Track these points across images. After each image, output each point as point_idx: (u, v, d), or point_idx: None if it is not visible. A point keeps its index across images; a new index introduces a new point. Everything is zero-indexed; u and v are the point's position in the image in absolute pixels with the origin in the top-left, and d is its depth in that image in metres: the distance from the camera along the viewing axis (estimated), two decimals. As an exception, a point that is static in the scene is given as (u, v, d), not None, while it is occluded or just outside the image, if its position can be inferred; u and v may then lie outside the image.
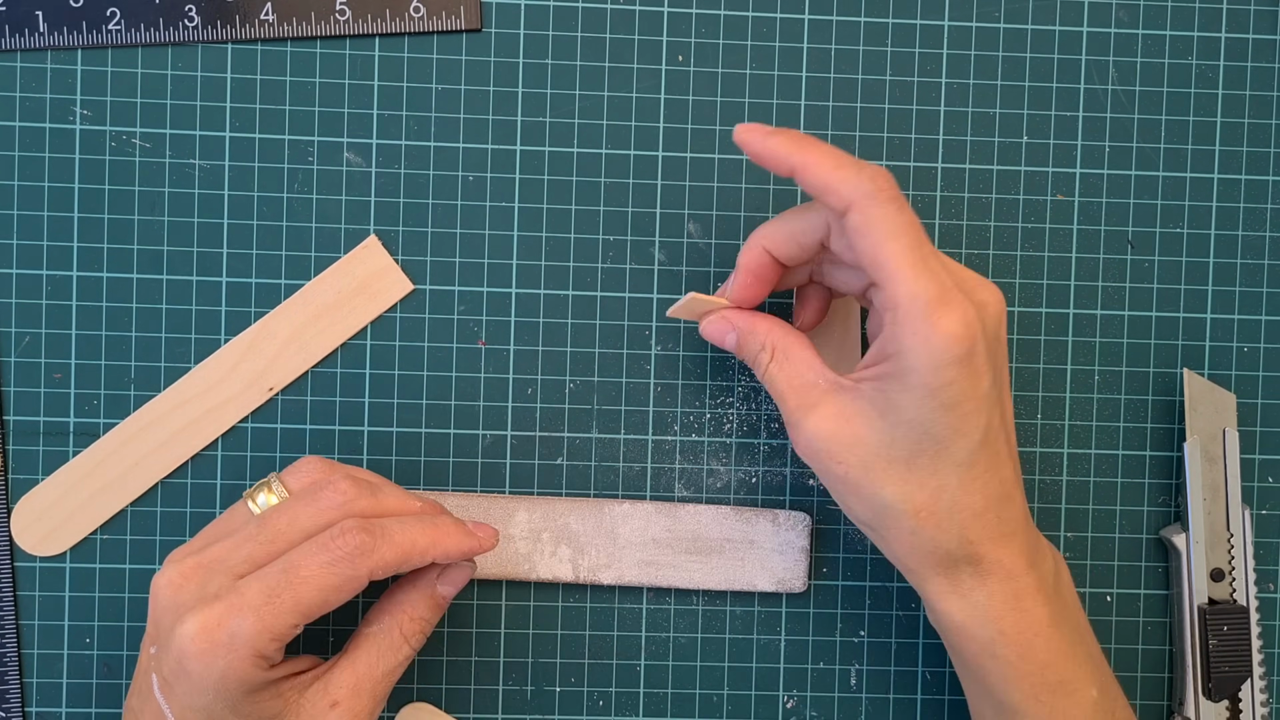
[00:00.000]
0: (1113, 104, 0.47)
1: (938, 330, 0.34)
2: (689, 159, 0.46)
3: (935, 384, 0.34)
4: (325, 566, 0.35)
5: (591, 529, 0.45)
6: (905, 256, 0.34)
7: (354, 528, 0.35)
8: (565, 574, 0.45)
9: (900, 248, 0.34)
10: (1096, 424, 0.47)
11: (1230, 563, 0.45)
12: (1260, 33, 0.47)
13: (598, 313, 0.46)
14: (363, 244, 0.45)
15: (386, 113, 0.45)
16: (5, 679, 0.45)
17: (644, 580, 0.45)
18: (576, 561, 0.45)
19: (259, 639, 0.34)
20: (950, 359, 0.34)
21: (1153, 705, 0.47)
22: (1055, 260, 0.47)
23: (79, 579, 0.45)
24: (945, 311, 0.34)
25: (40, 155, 0.45)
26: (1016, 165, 0.47)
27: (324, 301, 0.45)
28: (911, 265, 0.34)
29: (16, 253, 0.45)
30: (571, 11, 0.46)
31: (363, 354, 0.45)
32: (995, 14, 0.46)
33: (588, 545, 0.45)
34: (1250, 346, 0.47)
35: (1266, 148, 0.47)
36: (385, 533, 0.36)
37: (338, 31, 0.45)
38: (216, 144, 0.45)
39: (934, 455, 0.35)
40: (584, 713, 0.46)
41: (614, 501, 0.45)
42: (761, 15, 0.46)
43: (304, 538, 0.36)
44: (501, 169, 0.46)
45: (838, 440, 0.36)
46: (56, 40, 0.44)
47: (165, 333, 0.45)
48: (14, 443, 0.45)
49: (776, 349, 0.39)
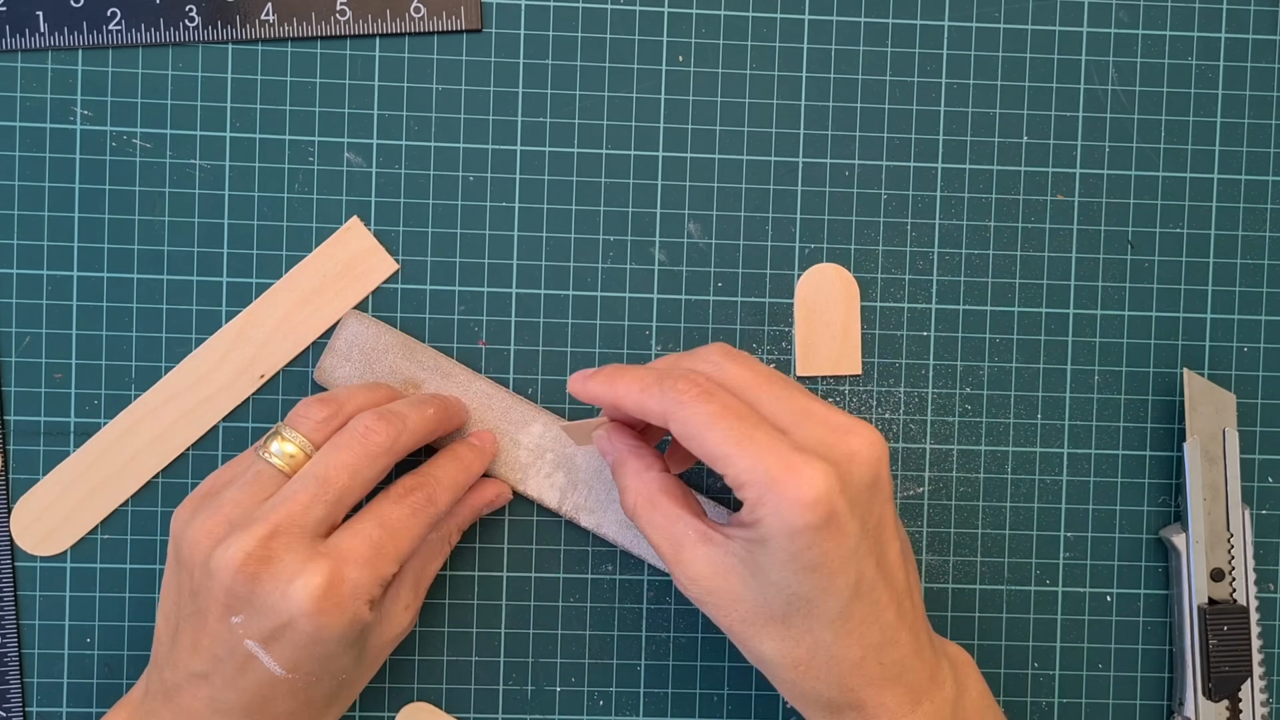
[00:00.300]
0: (1113, 104, 0.47)
1: (785, 500, 0.34)
2: (689, 159, 0.46)
3: (794, 549, 0.35)
4: (410, 518, 0.40)
5: (593, 471, 0.45)
6: (727, 443, 0.35)
7: (417, 485, 0.41)
8: (551, 500, 0.45)
9: (719, 436, 0.35)
10: (1096, 424, 0.47)
11: (1230, 563, 0.45)
12: (1260, 33, 0.47)
13: (598, 313, 0.46)
14: (345, 226, 0.45)
15: (387, 113, 0.45)
16: (5, 679, 0.45)
17: (620, 541, 0.45)
18: (565, 493, 0.45)
19: (373, 588, 0.38)
20: (804, 525, 0.34)
21: (1153, 705, 0.47)
22: (1055, 260, 0.47)
23: (79, 579, 0.45)
24: (791, 480, 0.34)
25: (41, 155, 0.45)
26: (1016, 165, 0.47)
27: (310, 286, 0.45)
28: (737, 446, 0.35)
29: (17, 253, 0.45)
30: (571, 11, 0.46)
31: (363, 354, 0.45)
32: (995, 14, 0.46)
33: (582, 483, 0.45)
34: (1250, 346, 0.47)
35: (1266, 148, 0.47)
36: (440, 483, 0.41)
37: (338, 32, 0.45)
38: (217, 144, 0.45)
39: (806, 614, 0.36)
40: (584, 713, 0.46)
41: None
42: (761, 15, 0.46)
43: (367, 488, 0.40)
44: (502, 169, 0.46)
45: (716, 594, 0.37)
46: (57, 40, 0.44)
47: (165, 333, 0.45)
48: (14, 442, 0.45)
49: (640, 498, 0.39)
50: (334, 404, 0.40)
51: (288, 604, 0.36)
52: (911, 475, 0.47)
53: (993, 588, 0.47)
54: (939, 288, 0.47)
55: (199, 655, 0.38)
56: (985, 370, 0.47)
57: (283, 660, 0.37)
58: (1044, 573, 0.47)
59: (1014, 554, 0.47)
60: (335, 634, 0.37)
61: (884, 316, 0.46)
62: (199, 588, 0.38)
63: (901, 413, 0.47)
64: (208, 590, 0.37)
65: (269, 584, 0.37)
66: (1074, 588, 0.47)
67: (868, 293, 0.46)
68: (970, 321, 0.47)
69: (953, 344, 0.47)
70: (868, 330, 0.46)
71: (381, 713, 0.46)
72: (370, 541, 0.38)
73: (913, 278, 0.47)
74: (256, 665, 0.37)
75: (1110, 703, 0.47)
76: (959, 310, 0.47)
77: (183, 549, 0.38)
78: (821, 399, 0.37)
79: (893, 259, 0.46)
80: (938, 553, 0.47)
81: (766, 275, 0.46)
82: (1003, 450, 0.47)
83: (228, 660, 0.37)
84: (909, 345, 0.47)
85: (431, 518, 0.40)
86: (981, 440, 0.47)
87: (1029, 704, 0.47)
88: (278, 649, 0.37)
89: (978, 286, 0.47)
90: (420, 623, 0.46)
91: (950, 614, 0.47)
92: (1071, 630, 0.47)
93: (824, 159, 0.46)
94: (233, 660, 0.37)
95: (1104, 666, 0.47)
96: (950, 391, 0.47)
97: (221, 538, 0.37)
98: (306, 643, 0.37)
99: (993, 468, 0.47)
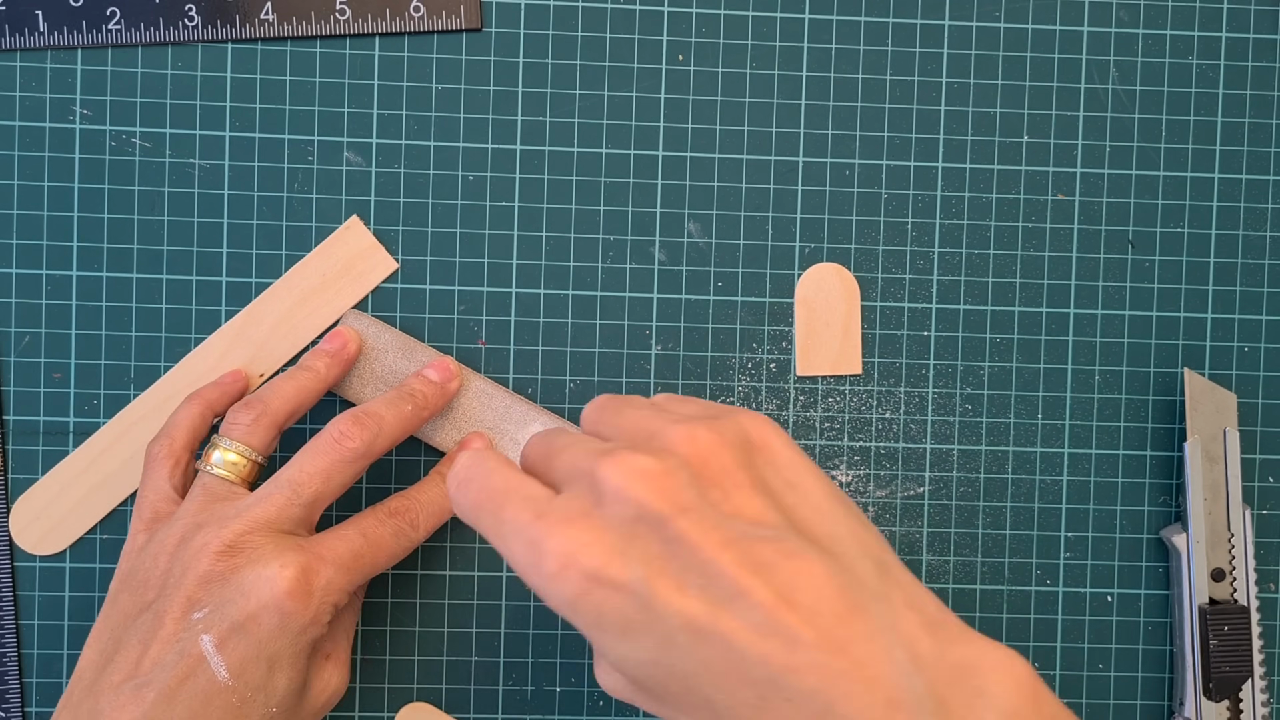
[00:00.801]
0: (1113, 103, 0.47)
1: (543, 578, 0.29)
2: (689, 159, 0.46)
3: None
4: (391, 539, 0.40)
5: None
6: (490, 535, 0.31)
7: (404, 509, 0.41)
8: None
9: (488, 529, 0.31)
10: (1096, 424, 0.47)
11: (1231, 563, 0.45)
12: (1260, 32, 0.47)
13: (598, 313, 0.46)
14: (345, 225, 0.45)
15: (386, 112, 0.45)
16: (5, 679, 0.45)
17: None
18: None
19: (343, 593, 0.39)
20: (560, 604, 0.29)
21: (1153, 705, 0.47)
22: (1055, 260, 0.47)
23: (79, 579, 0.45)
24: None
25: (40, 155, 0.45)
26: (1017, 165, 0.47)
27: (309, 285, 0.45)
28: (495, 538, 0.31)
29: (16, 252, 0.45)
30: (571, 11, 0.46)
31: (363, 354, 0.45)
32: (995, 14, 0.46)
33: None
34: (1250, 346, 0.47)
35: (1267, 147, 0.47)
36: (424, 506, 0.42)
37: (338, 31, 0.45)
38: (216, 143, 0.45)
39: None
40: (584, 713, 0.46)
41: None
42: (761, 15, 0.46)
43: (341, 491, 0.40)
44: (501, 169, 0.46)
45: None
46: (56, 40, 0.44)
47: (165, 333, 0.45)
48: (13, 442, 0.45)
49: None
50: (259, 405, 0.41)
51: (261, 587, 0.37)
52: (911, 475, 0.47)
53: (993, 588, 0.47)
54: (939, 287, 0.47)
55: (142, 666, 0.37)
56: (985, 370, 0.47)
57: (232, 661, 0.36)
58: (1044, 573, 0.47)
59: (1014, 554, 0.47)
60: (295, 627, 0.37)
61: (884, 316, 0.46)
62: (159, 593, 0.37)
63: (902, 413, 0.46)
64: (173, 587, 0.37)
65: (247, 570, 0.37)
66: (1074, 588, 0.47)
67: (868, 292, 0.46)
68: (970, 321, 0.47)
69: (953, 344, 0.47)
70: (868, 330, 0.46)
71: (381, 713, 0.46)
72: (352, 548, 0.39)
73: (913, 277, 0.47)
74: (201, 672, 0.36)
75: (1110, 703, 0.47)
76: (959, 310, 0.47)
77: (139, 569, 0.38)
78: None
79: (893, 258, 0.46)
80: (938, 553, 0.47)
81: (766, 275, 0.46)
82: (1003, 450, 0.47)
83: (172, 666, 0.36)
84: (909, 345, 0.47)
85: (411, 544, 0.41)
86: (982, 440, 0.47)
87: (1029, 704, 0.47)
88: (232, 646, 0.36)
89: (978, 286, 0.47)
90: (420, 623, 0.46)
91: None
92: (1072, 630, 0.47)
93: (824, 158, 0.46)
94: (179, 665, 0.36)
95: (1104, 666, 0.47)
96: (950, 391, 0.47)
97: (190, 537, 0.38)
98: (265, 637, 0.37)
99: (993, 468, 0.47)
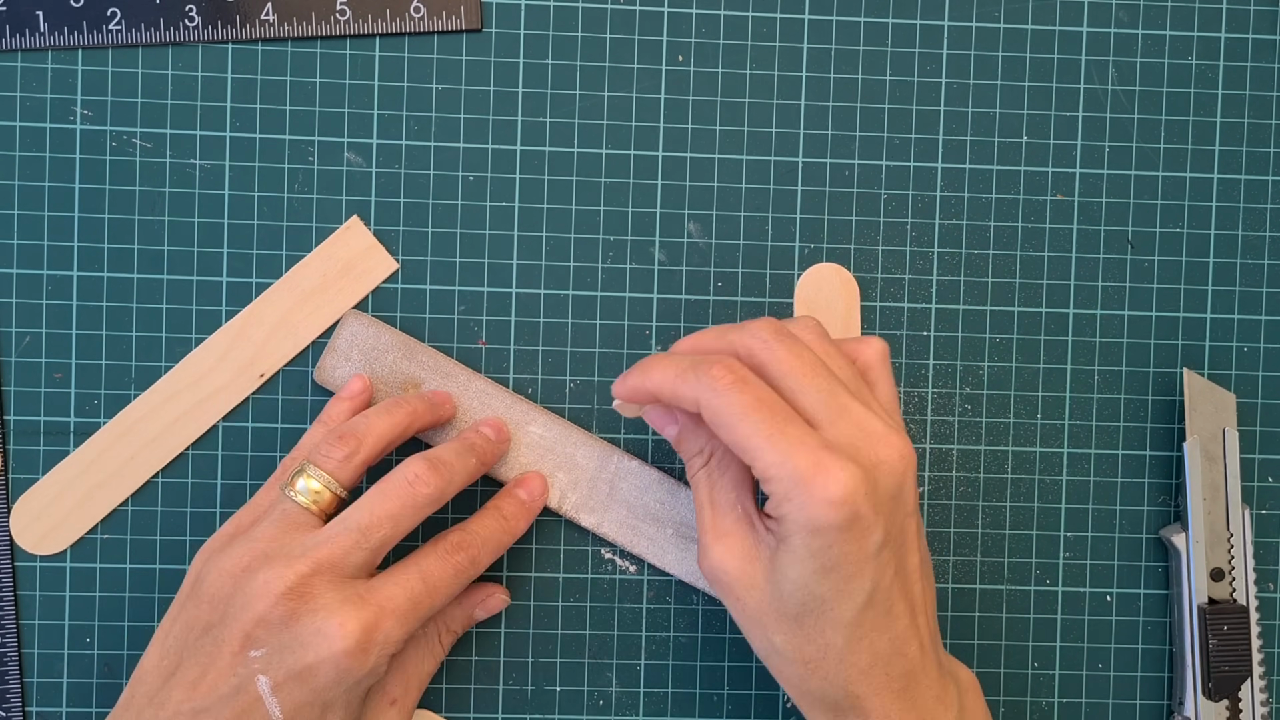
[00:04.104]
0: (1113, 104, 0.47)
1: (811, 497, 0.34)
2: (689, 159, 0.46)
3: (814, 548, 0.35)
4: (451, 578, 0.39)
5: (594, 470, 0.45)
6: (758, 435, 0.35)
7: (462, 544, 0.40)
8: (551, 500, 0.45)
9: (750, 429, 0.35)
10: (1096, 424, 0.47)
11: (1230, 562, 0.45)
12: (1260, 33, 0.47)
13: (598, 313, 0.46)
14: (345, 225, 0.45)
15: (387, 113, 0.45)
16: (5, 679, 0.45)
17: (621, 541, 0.45)
18: (565, 492, 0.45)
19: (399, 642, 0.38)
20: (827, 524, 0.34)
21: (1153, 705, 0.47)
22: (1055, 260, 0.47)
23: (79, 578, 0.45)
24: (818, 479, 0.34)
25: (41, 155, 0.45)
26: (1016, 165, 0.47)
27: (310, 285, 0.45)
28: (767, 440, 0.35)
29: (16, 252, 0.45)
30: (571, 11, 0.46)
31: (363, 354, 0.45)
32: (995, 14, 0.46)
33: (583, 482, 0.45)
34: (1250, 346, 0.47)
35: (1266, 147, 0.47)
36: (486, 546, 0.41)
37: (338, 31, 0.45)
38: (217, 144, 0.45)
39: (819, 614, 0.36)
40: (584, 713, 0.46)
41: (626, 454, 0.45)
42: (761, 15, 0.46)
43: (404, 534, 0.39)
44: (501, 169, 0.46)
45: (739, 581, 0.37)
46: (57, 40, 0.44)
47: (165, 333, 0.45)
48: (14, 442, 0.45)
49: (715, 456, 0.39)
50: (354, 441, 0.40)
51: (320, 643, 0.36)
52: (911, 475, 0.47)
53: (993, 588, 0.47)
54: (939, 287, 0.47)
55: (200, 690, 0.37)
56: (985, 370, 0.47)
57: (287, 705, 0.36)
58: (1044, 572, 0.47)
59: (1014, 554, 0.47)
60: (351, 680, 0.37)
61: (884, 316, 0.46)
62: (220, 619, 0.37)
63: (902, 413, 0.46)
64: (233, 619, 0.37)
65: (306, 620, 0.36)
66: (1074, 587, 0.47)
67: (868, 293, 0.46)
68: (970, 321, 0.47)
69: (953, 344, 0.47)
70: (867, 330, 0.46)
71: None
72: (411, 596, 0.38)
73: (913, 277, 0.47)
74: (256, 710, 0.36)
75: (1110, 703, 0.47)
76: (959, 310, 0.47)
77: (207, 581, 0.38)
78: (865, 400, 0.37)
79: (893, 259, 0.46)
80: (938, 553, 0.47)
81: (766, 275, 0.46)
82: (1003, 450, 0.47)
83: (231, 699, 0.36)
84: (909, 345, 0.47)
85: (469, 580, 0.40)
86: (981, 440, 0.47)
87: (1029, 704, 0.47)
88: (287, 691, 0.36)
89: (978, 286, 0.47)
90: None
91: (950, 614, 0.47)
92: (1071, 630, 0.47)
93: (824, 159, 0.46)
94: (235, 700, 0.36)
95: (1104, 666, 0.47)
96: (950, 391, 0.47)
97: (256, 570, 0.37)
98: (320, 687, 0.36)
99: (993, 467, 0.47)
